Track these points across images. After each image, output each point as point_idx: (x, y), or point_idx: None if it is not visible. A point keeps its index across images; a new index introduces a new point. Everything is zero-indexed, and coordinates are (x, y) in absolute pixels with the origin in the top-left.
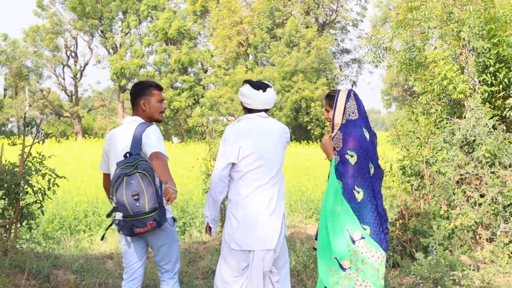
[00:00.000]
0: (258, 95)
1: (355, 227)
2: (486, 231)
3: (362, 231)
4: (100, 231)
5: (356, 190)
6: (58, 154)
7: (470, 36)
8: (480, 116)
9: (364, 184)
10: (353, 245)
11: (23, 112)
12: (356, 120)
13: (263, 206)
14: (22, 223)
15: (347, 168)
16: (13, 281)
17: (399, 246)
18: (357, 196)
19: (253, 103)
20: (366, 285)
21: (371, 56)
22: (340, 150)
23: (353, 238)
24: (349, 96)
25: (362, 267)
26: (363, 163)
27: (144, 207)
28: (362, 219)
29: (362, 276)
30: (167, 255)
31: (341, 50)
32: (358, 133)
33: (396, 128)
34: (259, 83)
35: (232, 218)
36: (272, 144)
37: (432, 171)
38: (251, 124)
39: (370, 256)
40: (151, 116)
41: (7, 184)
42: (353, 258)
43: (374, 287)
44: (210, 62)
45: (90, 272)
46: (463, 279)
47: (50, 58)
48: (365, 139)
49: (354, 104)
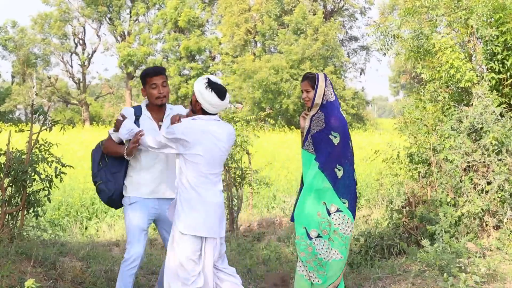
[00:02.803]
0: (221, 105)
1: (332, 201)
2: (492, 218)
3: (341, 204)
4: (107, 218)
5: (337, 168)
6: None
7: (478, 24)
8: (488, 103)
9: (344, 162)
10: (329, 217)
11: (31, 99)
12: (334, 101)
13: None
14: (29, 211)
15: (330, 148)
16: (19, 268)
17: (406, 233)
18: (338, 173)
19: (212, 109)
20: (333, 253)
21: (379, 44)
22: (324, 129)
23: (329, 211)
24: (327, 79)
25: (333, 236)
26: (344, 142)
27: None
28: (341, 194)
29: (331, 245)
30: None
31: (349, 37)
32: (338, 114)
33: (404, 116)
34: (221, 89)
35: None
36: (219, 147)
37: (439, 159)
38: (204, 125)
39: (342, 228)
40: (151, 102)
41: (14, 171)
42: (327, 228)
43: (341, 255)
44: (218, 49)
45: (96, 259)
46: (469, 266)
47: (58, 45)
48: (344, 119)
49: (330, 87)
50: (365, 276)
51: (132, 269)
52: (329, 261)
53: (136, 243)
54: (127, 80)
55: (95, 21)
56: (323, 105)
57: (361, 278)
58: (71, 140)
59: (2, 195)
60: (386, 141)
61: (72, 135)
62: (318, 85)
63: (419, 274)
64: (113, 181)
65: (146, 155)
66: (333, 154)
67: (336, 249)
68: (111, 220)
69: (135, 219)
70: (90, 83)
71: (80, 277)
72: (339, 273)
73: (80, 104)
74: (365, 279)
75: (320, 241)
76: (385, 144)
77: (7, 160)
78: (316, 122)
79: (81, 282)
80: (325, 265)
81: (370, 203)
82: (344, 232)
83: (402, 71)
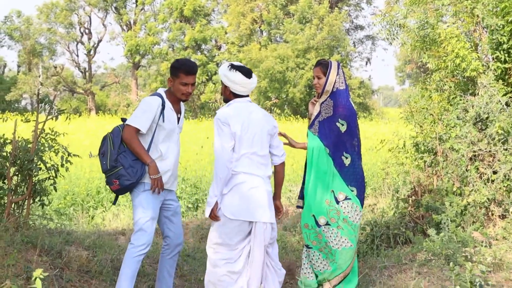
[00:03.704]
0: (249, 83)
1: (341, 189)
2: (498, 207)
3: (349, 192)
4: (113, 207)
5: (344, 156)
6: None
7: (484, 14)
8: (493, 93)
9: (351, 150)
10: (337, 205)
11: (37, 88)
12: (344, 90)
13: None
14: (35, 200)
15: (337, 135)
16: (25, 257)
17: (412, 223)
18: (345, 161)
19: (244, 90)
20: (344, 240)
21: (385, 33)
22: (331, 116)
23: (338, 199)
24: (339, 67)
25: (343, 225)
26: (352, 130)
27: (106, 165)
28: (349, 181)
29: (341, 233)
30: (134, 216)
31: (354, 26)
32: (347, 103)
33: (410, 105)
34: (246, 70)
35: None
36: (260, 128)
37: (445, 148)
38: (241, 108)
39: (352, 215)
40: (174, 93)
41: (20, 160)
42: (335, 216)
43: (351, 243)
44: (223, 39)
45: (102, 248)
46: (475, 255)
47: (63, 35)
48: (352, 107)
49: (342, 75)
50: (371, 265)
51: (141, 256)
52: (338, 249)
53: (148, 231)
54: (133, 70)
55: (101, 10)
56: (333, 93)
57: (367, 267)
58: (77, 130)
59: (8, 184)
60: (392, 131)
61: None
62: (330, 72)
63: (425, 263)
64: (135, 167)
65: (164, 145)
66: (340, 142)
67: (346, 237)
68: (116, 209)
69: (149, 207)
70: (96, 72)
71: (86, 266)
72: (349, 262)
73: (86, 94)
74: (371, 268)
75: (329, 229)
76: (391, 133)
77: (13, 149)
78: (325, 109)
79: (87, 271)
80: (334, 253)
81: (376, 192)
82: (353, 220)
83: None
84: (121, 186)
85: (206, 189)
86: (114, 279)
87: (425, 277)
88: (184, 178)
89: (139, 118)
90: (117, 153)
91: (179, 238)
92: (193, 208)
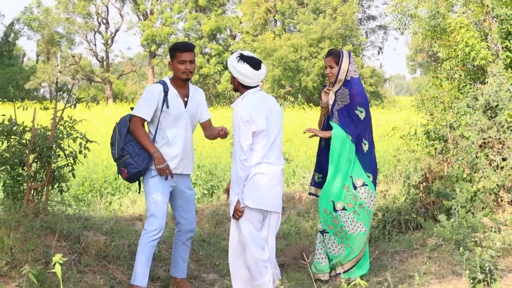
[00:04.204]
0: (257, 75)
1: (359, 175)
2: (508, 194)
3: (366, 178)
4: (130, 193)
5: (363, 142)
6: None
7: (494, 3)
8: (503, 81)
9: (368, 137)
10: (354, 191)
11: (55, 77)
12: (358, 78)
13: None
14: (54, 186)
15: (357, 122)
16: (44, 242)
17: (422, 209)
18: (364, 147)
19: (251, 82)
20: (359, 225)
21: (397, 23)
22: (348, 105)
23: (355, 185)
24: (350, 57)
25: (359, 210)
26: (368, 118)
27: (115, 154)
28: (366, 168)
29: (357, 218)
30: (146, 203)
31: (367, 16)
32: (363, 91)
33: (421, 93)
34: (255, 61)
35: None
36: (276, 116)
37: (456, 135)
38: (258, 100)
39: (367, 201)
40: (176, 76)
41: (39, 147)
42: (352, 202)
43: (365, 228)
44: (238, 28)
45: (119, 234)
46: (484, 240)
47: (81, 24)
48: (366, 96)
49: (354, 64)
50: (383, 250)
51: (154, 241)
52: (353, 234)
53: (159, 216)
54: (149, 58)
55: (118, 0)
56: (347, 81)
57: (379, 252)
58: (95, 117)
59: (28, 170)
60: (403, 118)
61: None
62: (342, 61)
63: (435, 248)
64: (142, 155)
65: (171, 131)
66: (360, 129)
67: (361, 222)
68: (133, 195)
69: (158, 192)
70: (113, 61)
71: (104, 251)
72: (362, 246)
73: (103, 82)
74: (382, 253)
75: (345, 213)
76: (402, 121)
77: (32, 137)
78: (340, 97)
79: (105, 256)
80: (349, 237)
81: (388, 178)
82: (368, 206)
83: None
84: (129, 174)
85: (221, 176)
86: (131, 263)
87: (436, 262)
88: (199, 165)
89: (142, 107)
90: (123, 143)
91: (191, 224)
92: (208, 195)
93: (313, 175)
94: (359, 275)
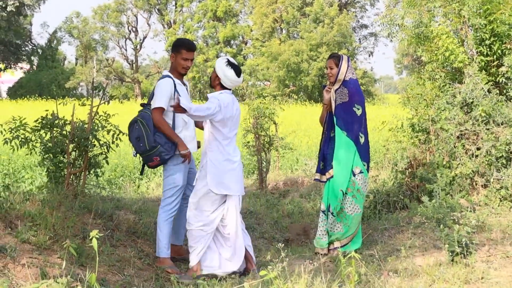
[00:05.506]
0: (237, 81)
1: (357, 164)
2: (481, 178)
3: (362, 167)
4: (155, 178)
5: (360, 135)
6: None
7: (470, 14)
8: (477, 81)
9: (364, 131)
10: (353, 178)
11: (92, 77)
12: (356, 79)
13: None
14: (90, 171)
15: (354, 118)
16: (82, 220)
17: (408, 191)
18: (361, 140)
19: (230, 85)
20: (356, 207)
21: (386, 31)
22: (348, 102)
23: (354, 172)
24: (349, 60)
25: (357, 194)
26: (364, 114)
27: (145, 146)
28: (363, 157)
29: (355, 201)
30: (164, 185)
31: (360, 25)
32: (360, 90)
33: (407, 92)
34: (239, 70)
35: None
36: (237, 113)
37: (437, 128)
38: (229, 99)
39: (363, 186)
40: (176, 68)
41: (77, 138)
42: (351, 187)
43: (360, 209)
44: (249, 35)
45: (147, 213)
46: (461, 219)
47: (114, 32)
48: (363, 95)
49: (352, 67)
50: (373, 227)
51: (171, 218)
52: (351, 215)
53: (177, 197)
54: None
55: (146, 12)
56: (346, 81)
57: (371, 229)
58: (126, 112)
59: (68, 158)
60: (391, 114)
61: (126, 108)
62: (342, 63)
63: (419, 226)
64: (169, 142)
65: (185, 115)
66: (357, 124)
67: (358, 204)
68: (159, 179)
69: (181, 177)
70: (141, 64)
71: (133, 228)
72: (357, 225)
73: (133, 82)
74: (374, 230)
75: (346, 197)
76: (391, 116)
77: (71, 129)
78: (339, 95)
79: (134, 232)
80: (348, 218)
81: (378, 165)
82: (364, 190)
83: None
84: (162, 161)
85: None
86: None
87: (419, 237)
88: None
89: (161, 99)
90: (153, 135)
91: None
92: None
93: (318, 163)
94: (353, 249)
